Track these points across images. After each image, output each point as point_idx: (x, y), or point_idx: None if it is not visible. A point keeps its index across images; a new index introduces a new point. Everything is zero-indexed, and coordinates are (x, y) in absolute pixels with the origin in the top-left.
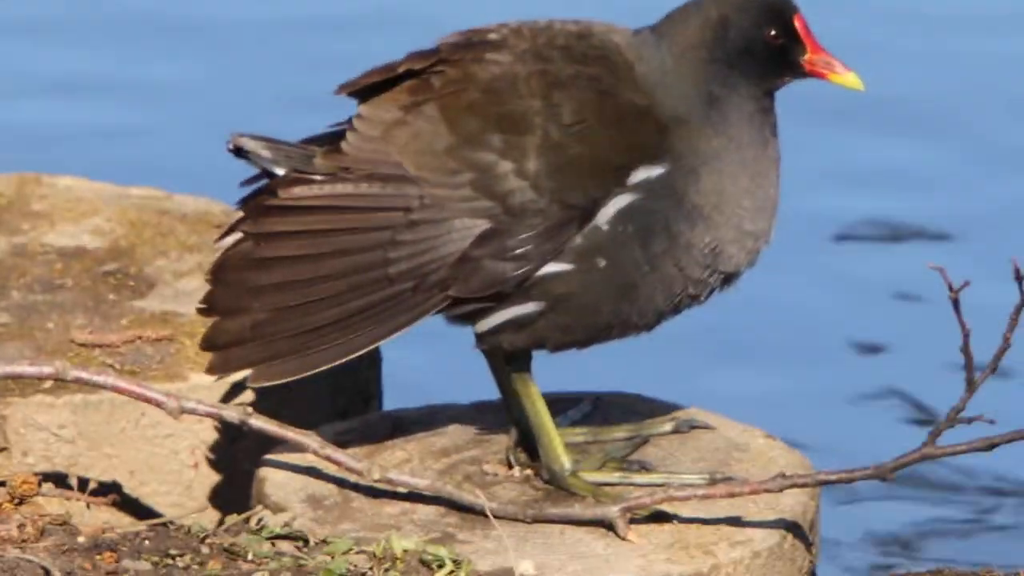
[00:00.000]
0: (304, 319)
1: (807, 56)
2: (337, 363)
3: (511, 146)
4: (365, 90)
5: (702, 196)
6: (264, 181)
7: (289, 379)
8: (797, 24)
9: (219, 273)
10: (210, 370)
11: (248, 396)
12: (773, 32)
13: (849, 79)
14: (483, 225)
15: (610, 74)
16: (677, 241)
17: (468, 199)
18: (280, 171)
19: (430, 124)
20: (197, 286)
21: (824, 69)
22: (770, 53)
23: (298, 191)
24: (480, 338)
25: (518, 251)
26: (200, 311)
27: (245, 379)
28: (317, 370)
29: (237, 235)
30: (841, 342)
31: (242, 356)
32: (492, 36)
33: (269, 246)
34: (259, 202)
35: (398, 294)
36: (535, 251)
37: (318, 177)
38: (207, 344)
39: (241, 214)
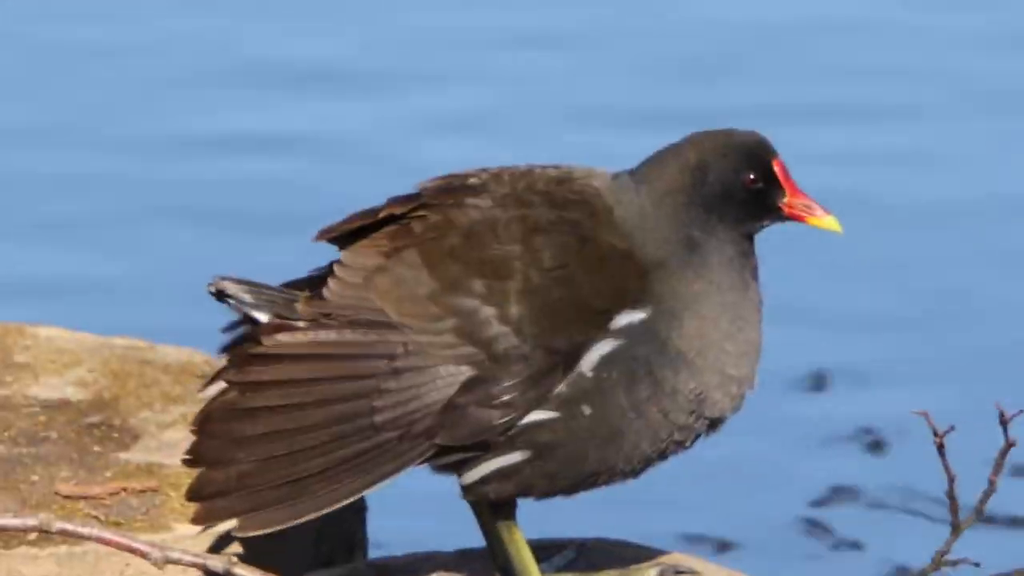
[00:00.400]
0: (290, 469)
1: (786, 199)
2: (322, 512)
3: (493, 291)
4: (346, 235)
5: (685, 341)
6: (244, 327)
7: (275, 528)
8: (776, 168)
9: (204, 424)
10: (195, 520)
11: (233, 546)
12: (752, 176)
13: (828, 222)
14: (468, 372)
15: (590, 218)
16: (662, 387)
17: (452, 345)
18: (262, 316)
19: (411, 270)
20: (181, 437)
21: (803, 212)
22: (749, 197)
23: (281, 338)
24: (466, 489)
25: (504, 398)
26: (185, 462)
27: (230, 529)
28: (302, 519)
29: (221, 384)
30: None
31: (228, 507)
32: (472, 180)
33: (253, 396)
34: (242, 350)
35: (384, 443)
36: (521, 398)
37: (301, 324)
38: (193, 495)
39: (224, 362)
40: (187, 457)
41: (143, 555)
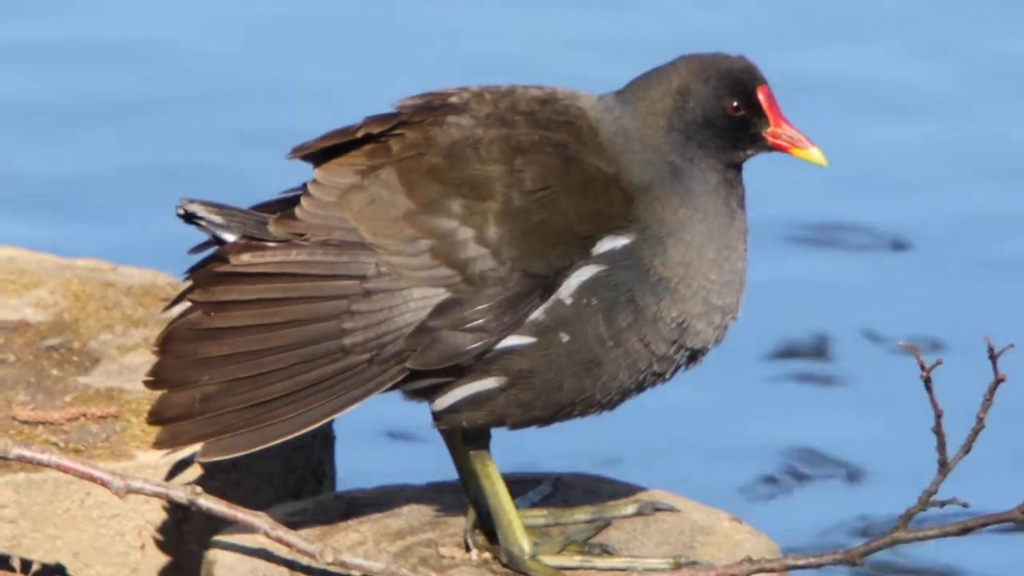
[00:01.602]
0: (255, 391)
1: (770, 129)
2: (290, 437)
3: (472, 212)
4: (320, 153)
5: (668, 268)
6: (213, 249)
7: (240, 454)
8: (761, 96)
9: (166, 344)
10: (157, 445)
11: (197, 475)
12: (734, 104)
13: (813, 154)
14: (442, 295)
15: (575, 140)
16: (643, 315)
17: (426, 267)
18: (231, 237)
19: (387, 190)
20: (143, 361)
21: (787, 143)
22: (730, 125)
23: (249, 258)
24: (437, 416)
25: (477, 322)
26: (147, 384)
27: (193, 456)
28: (268, 445)
29: (185, 305)
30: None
31: (191, 431)
32: (453, 99)
33: (219, 315)
34: (208, 270)
35: (353, 366)
36: (495, 322)
37: (271, 244)
38: (154, 418)
39: (190, 283)
40: (148, 379)
41: (104, 484)
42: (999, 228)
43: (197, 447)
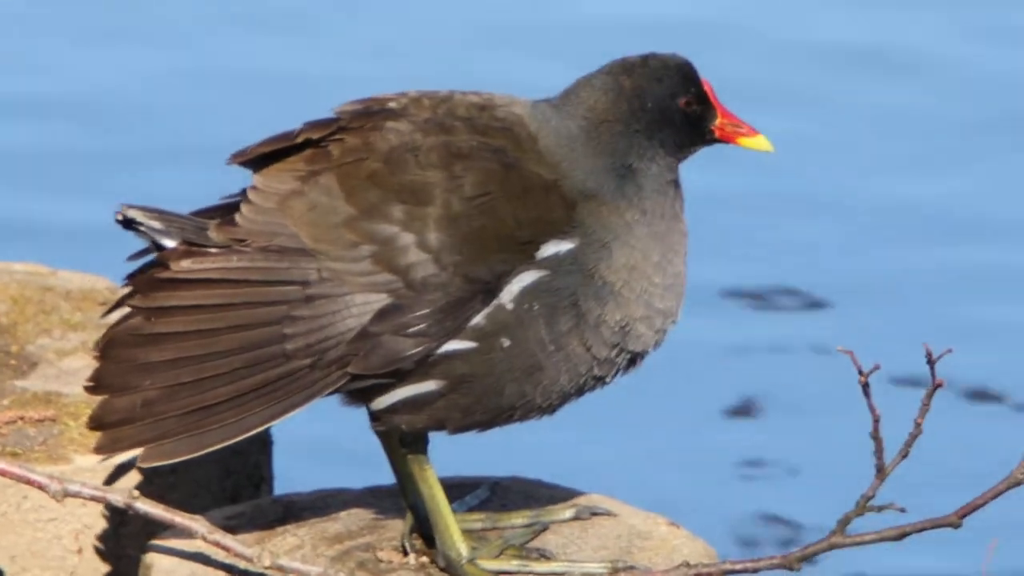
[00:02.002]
0: (197, 396)
1: (717, 122)
2: (229, 443)
3: (412, 218)
4: (259, 159)
5: (613, 272)
6: (153, 255)
7: (179, 459)
8: (706, 89)
9: (107, 349)
10: (98, 450)
11: (135, 479)
12: (687, 100)
13: (759, 142)
14: (383, 300)
15: (514, 147)
16: (586, 319)
17: (367, 273)
18: (171, 244)
19: (327, 196)
20: (81, 365)
21: (734, 133)
22: (685, 121)
23: (190, 264)
24: (376, 417)
25: (419, 327)
26: (88, 389)
27: (132, 461)
28: (208, 450)
29: (124, 310)
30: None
31: (131, 435)
32: (392, 104)
33: (160, 321)
34: (148, 276)
35: (295, 371)
36: (436, 328)
37: (211, 250)
38: (95, 423)
39: (129, 289)
40: (89, 384)
41: (41, 487)
42: None
43: (137, 452)
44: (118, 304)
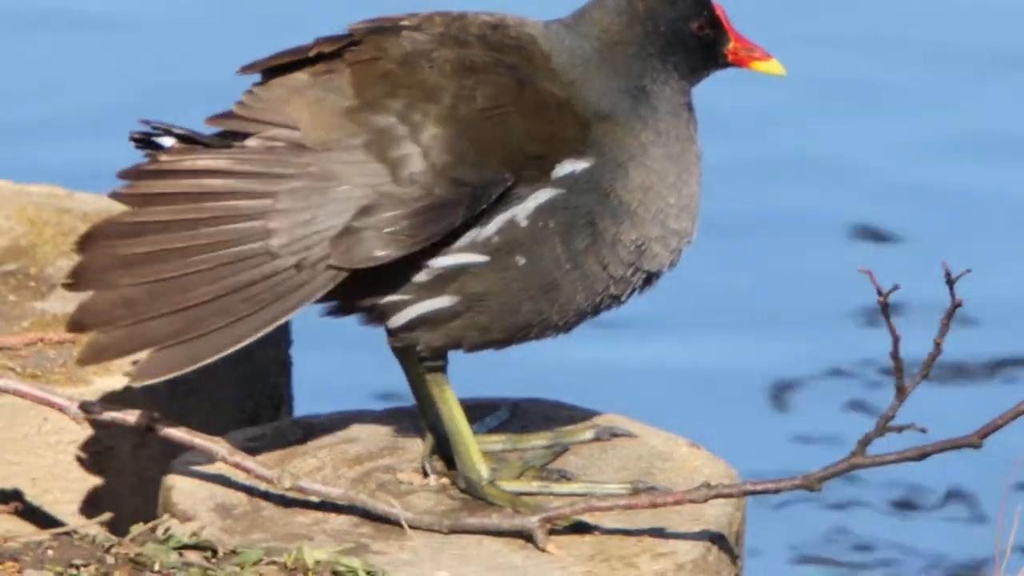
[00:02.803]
0: (180, 295)
1: (730, 45)
2: (223, 354)
3: (414, 111)
4: (271, 71)
5: (629, 192)
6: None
7: (173, 374)
8: (719, 13)
9: (88, 242)
10: (81, 361)
11: (154, 401)
12: (699, 23)
13: (772, 66)
14: (369, 195)
15: (528, 64)
16: (602, 237)
17: (357, 163)
18: (171, 142)
19: (335, 91)
20: None
21: (747, 58)
22: (698, 45)
23: (179, 156)
24: (392, 334)
25: (399, 226)
26: (66, 287)
27: (127, 378)
28: (201, 362)
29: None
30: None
31: (115, 343)
32: (405, 22)
33: (143, 210)
34: (137, 167)
35: (281, 271)
36: (417, 229)
37: (203, 145)
38: (74, 325)
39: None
40: (68, 281)
41: (61, 409)
42: None
43: (122, 362)
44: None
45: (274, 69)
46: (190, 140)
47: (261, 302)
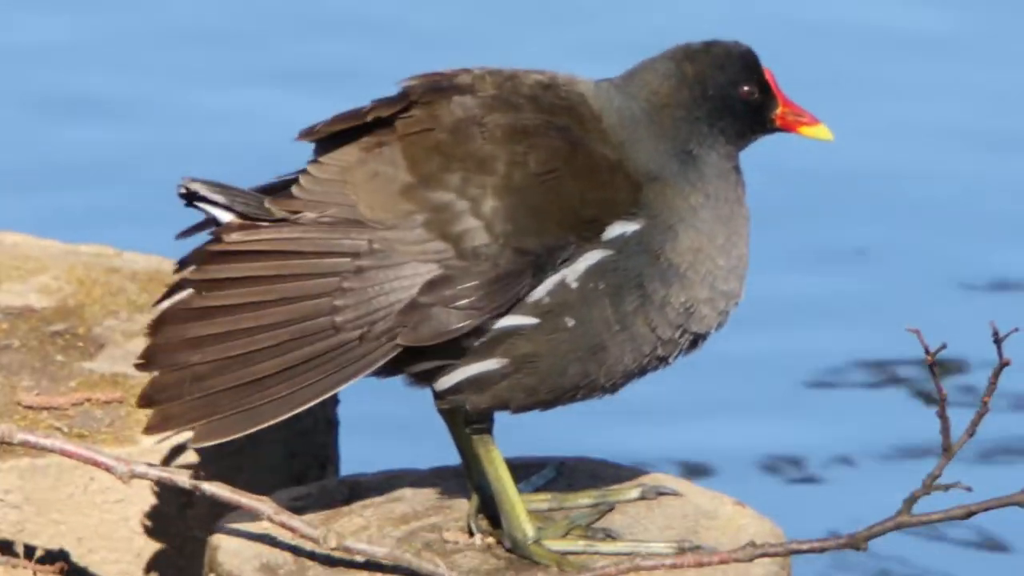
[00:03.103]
0: (246, 370)
1: (778, 110)
2: (281, 419)
3: (470, 184)
4: (328, 137)
5: (679, 254)
6: (208, 232)
7: (233, 436)
8: (768, 78)
9: (158, 326)
10: (149, 430)
11: (200, 460)
12: (748, 88)
13: (820, 131)
14: (433, 271)
15: (579, 125)
16: (651, 300)
17: (420, 241)
18: (227, 217)
19: (391, 165)
20: None
21: (795, 123)
22: (746, 109)
23: (243, 236)
24: (440, 396)
25: (469, 299)
26: (138, 367)
27: (187, 441)
28: (261, 426)
29: (180, 295)
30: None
31: (182, 413)
32: (458, 80)
33: (211, 295)
34: (203, 249)
35: (345, 343)
36: (486, 301)
37: (265, 222)
38: (145, 401)
39: (182, 270)
40: (139, 361)
41: (108, 469)
42: None
43: (190, 432)
44: (171, 291)
45: (331, 136)
46: (248, 216)
47: (323, 372)
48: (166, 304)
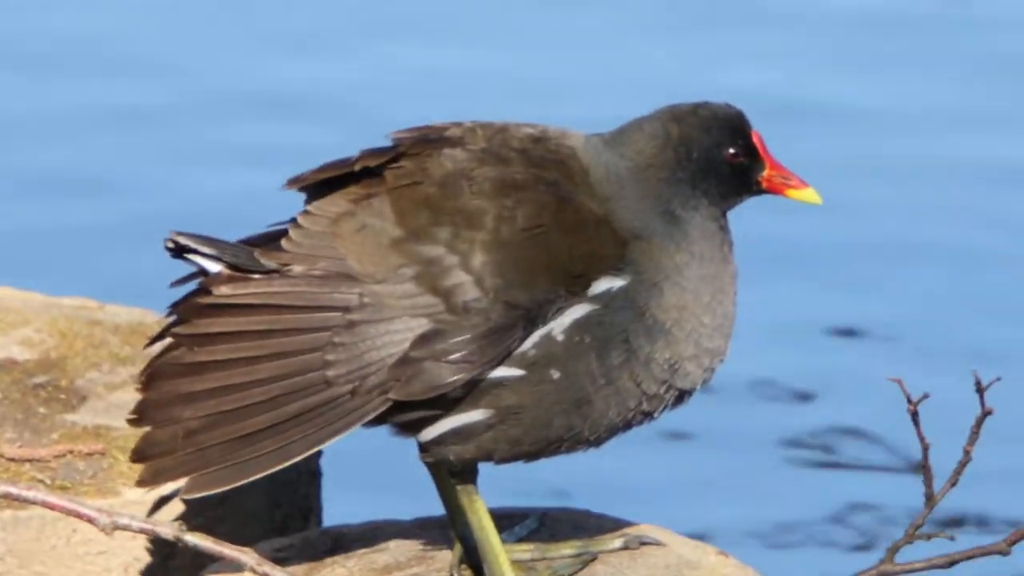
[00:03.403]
0: (238, 424)
1: (765, 173)
2: (271, 471)
3: (460, 239)
4: (316, 185)
5: (664, 311)
6: (196, 282)
7: (222, 488)
8: (755, 141)
9: (149, 382)
10: (141, 482)
11: (183, 511)
12: (734, 151)
13: (807, 194)
14: (424, 325)
15: (568, 180)
16: (636, 355)
17: (410, 295)
18: (217, 269)
19: (379, 217)
20: (130, 399)
21: (783, 185)
22: (731, 172)
23: (232, 289)
24: (424, 448)
25: (460, 353)
26: (131, 422)
27: (177, 492)
28: (251, 479)
29: (168, 340)
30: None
31: (173, 466)
32: (448, 133)
33: (201, 349)
34: (191, 302)
35: (336, 398)
36: (478, 355)
37: (255, 275)
38: (138, 456)
39: (172, 317)
40: (132, 417)
41: (91, 521)
42: None
43: (180, 483)
44: (161, 334)
45: (319, 184)
46: (237, 267)
47: (315, 425)
48: (156, 349)
